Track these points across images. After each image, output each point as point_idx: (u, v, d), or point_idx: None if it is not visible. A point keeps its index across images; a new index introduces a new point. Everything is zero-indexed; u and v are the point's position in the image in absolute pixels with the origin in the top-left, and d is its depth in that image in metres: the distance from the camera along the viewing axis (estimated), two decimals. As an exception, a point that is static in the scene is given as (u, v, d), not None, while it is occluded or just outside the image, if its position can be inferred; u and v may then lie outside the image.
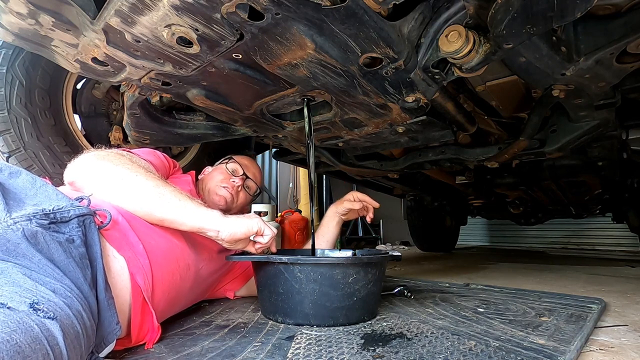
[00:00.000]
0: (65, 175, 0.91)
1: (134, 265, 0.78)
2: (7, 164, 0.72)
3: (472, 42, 0.85)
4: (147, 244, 0.83)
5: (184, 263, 0.94)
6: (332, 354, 0.74)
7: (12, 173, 0.69)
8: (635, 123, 1.58)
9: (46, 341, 0.48)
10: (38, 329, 0.48)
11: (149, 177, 0.89)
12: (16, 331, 0.45)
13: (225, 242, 0.91)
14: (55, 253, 0.62)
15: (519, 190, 2.64)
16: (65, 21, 0.87)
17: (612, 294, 1.54)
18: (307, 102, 1.17)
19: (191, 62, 0.94)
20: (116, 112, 1.75)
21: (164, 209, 0.86)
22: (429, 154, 1.75)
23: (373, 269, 0.98)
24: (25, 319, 0.47)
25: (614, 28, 0.87)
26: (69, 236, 0.66)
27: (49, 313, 0.51)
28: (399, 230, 5.70)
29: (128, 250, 0.79)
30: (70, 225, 0.67)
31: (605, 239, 4.85)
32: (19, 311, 0.48)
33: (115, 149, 0.98)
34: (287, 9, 0.72)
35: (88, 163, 0.90)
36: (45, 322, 0.50)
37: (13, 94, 1.41)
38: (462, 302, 1.26)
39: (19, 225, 0.59)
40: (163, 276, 0.86)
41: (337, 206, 1.39)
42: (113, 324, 0.69)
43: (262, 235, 0.96)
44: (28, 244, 0.59)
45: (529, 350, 0.76)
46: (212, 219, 0.89)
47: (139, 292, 0.78)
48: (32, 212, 0.62)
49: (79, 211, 0.69)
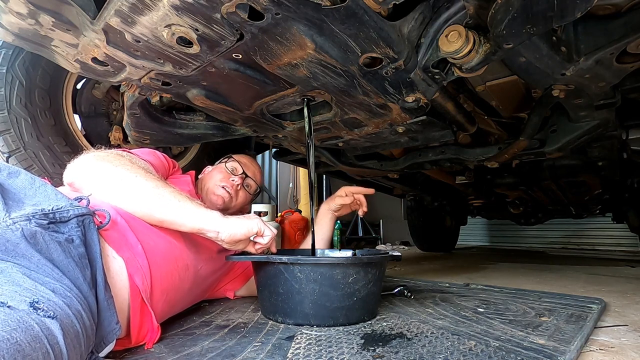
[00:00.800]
0: (65, 175, 0.91)
1: (133, 266, 0.78)
2: (6, 164, 0.72)
3: (472, 42, 0.85)
4: (146, 245, 0.83)
5: (182, 263, 0.94)
6: (332, 354, 0.74)
7: (11, 173, 0.69)
8: (635, 123, 1.58)
9: (46, 340, 0.48)
10: (38, 327, 0.48)
11: (148, 178, 0.89)
12: (16, 330, 0.45)
13: (225, 243, 0.91)
14: (55, 253, 0.62)
15: (519, 190, 2.64)
16: (65, 21, 0.87)
17: (612, 294, 1.54)
18: (307, 102, 1.17)
19: (191, 62, 0.94)
20: (116, 112, 1.75)
21: (164, 210, 0.86)
22: (429, 154, 1.74)
23: (373, 269, 0.98)
24: (25, 318, 0.47)
25: (614, 28, 0.87)
26: (68, 236, 0.66)
27: (49, 312, 0.51)
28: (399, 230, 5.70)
29: (127, 250, 0.79)
30: (70, 225, 0.67)
31: (605, 239, 4.85)
32: (19, 310, 0.48)
33: (115, 150, 0.98)
34: (287, 9, 0.72)
35: (88, 164, 0.90)
36: (46, 321, 0.50)
37: (13, 94, 1.41)
38: (462, 302, 1.26)
39: (18, 225, 0.59)
40: (162, 277, 0.86)
41: (329, 203, 1.38)
42: (113, 323, 0.69)
43: (262, 235, 0.96)
44: (27, 244, 0.59)
45: (529, 350, 0.76)
46: (211, 220, 0.88)
47: (137, 293, 0.78)
48: (32, 212, 0.62)
49: (78, 211, 0.69)
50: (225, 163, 1.33)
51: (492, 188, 2.53)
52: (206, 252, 1.06)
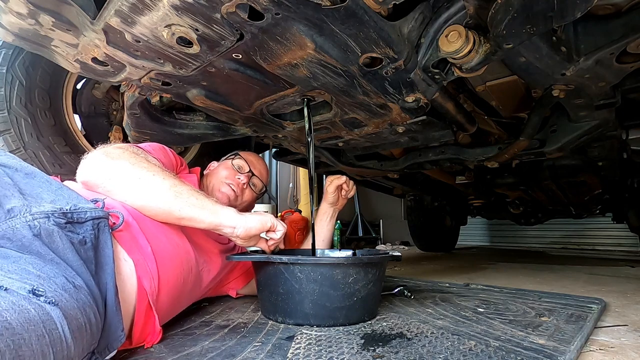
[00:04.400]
0: (80, 172, 0.88)
1: (142, 269, 0.79)
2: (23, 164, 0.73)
3: (472, 42, 0.85)
4: (155, 247, 0.83)
5: (187, 266, 0.94)
6: (332, 354, 0.74)
7: (28, 174, 0.70)
8: (635, 123, 1.59)
9: (42, 324, 0.48)
10: (35, 312, 0.48)
11: (165, 177, 0.89)
12: (8, 310, 0.45)
13: (240, 238, 0.92)
14: (70, 253, 0.62)
15: (519, 190, 2.64)
16: (65, 21, 0.87)
17: (612, 294, 1.54)
18: (307, 102, 1.17)
19: (191, 62, 0.94)
20: (116, 112, 1.76)
21: (183, 208, 0.86)
22: (429, 154, 1.74)
23: (373, 269, 0.98)
24: (21, 302, 0.47)
25: (614, 28, 0.87)
26: (82, 237, 0.66)
27: (50, 299, 0.51)
28: (399, 230, 5.70)
29: (137, 252, 0.79)
30: (85, 226, 0.67)
31: (605, 239, 4.84)
32: (17, 294, 0.48)
33: (128, 145, 0.95)
34: (287, 9, 0.72)
35: (104, 161, 0.88)
36: (45, 307, 0.50)
37: (13, 94, 1.41)
38: (462, 302, 1.26)
39: (37, 223, 0.59)
40: (168, 279, 0.86)
41: (324, 198, 1.37)
42: (119, 330, 0.68)
43: (274, 231, 0.97)
44: (43, 241, 0.59)
45: (529, 350, 0.76)
46: (228, 216, 0.90)
47: (145, 297, 0.78)
48: (51, 210, 0.62)
49: (94, 213, 0.69)
50: (232, 160, 1.30)
51: (492, 188, 2.53)
52: (209, 253, 1.06)
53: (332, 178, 1.33)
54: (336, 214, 1.40)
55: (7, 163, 0.67)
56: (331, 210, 1.38)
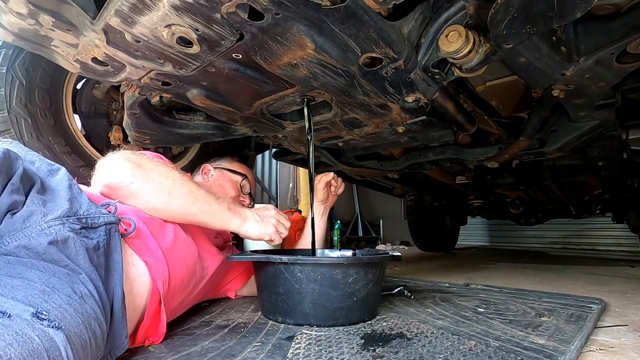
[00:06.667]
0: (102, 176, 0.87)
1: (156, 271, 0.80)
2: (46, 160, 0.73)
3: (472, 42, 0.85)
4: (165, 250, 0.85)
5: (192, 269, 0.96)
6: (332, 354, 0.74)
7: (52, 171, 0.71)
8: (635, 123, 1.58)
9: (46, 354, 0.47)
10: (39, 340, 0.47)
11: (184, 182, 0.93)
12: (12, 345, 0.43)
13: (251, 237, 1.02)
14: (82, 259, 0.62)
15: (519, 190, 2.64)
16: (65, 21, 0.87)
17: (612, 294, 1.54)
18: (307, 102, 1.17)
19: (191, 62, 0.94)
20: (116, 112, 1.75)
21: (197, 214, 0.92)
22: (429, 154, 1.74)
23: (373, 269, 0.98)
24: (25, 330, 0.46)
25: (614, 28, 0.87)
26: (96, 242, 0.66)
27: (54, 322, 0.50)
28: (399, 230, 5.70)
29: (149, 255, 0.80)
30: (98, 232, 0.68)
31: (605, 239, 4.85)
32: (20, 319, 0.47)
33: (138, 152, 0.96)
34: (287, 9, 0.72)
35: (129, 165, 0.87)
36: (49, 332, 0.49)
37: (13, 94, 1.41)
38: (462, 302, 1.26)
39: (53, 230, 0.60)
40: (176, 283, 0.87)
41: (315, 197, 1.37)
42: (122, 337, 0.68)
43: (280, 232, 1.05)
44: (58, 248, 0.59)
45: (529, 350, 0.76)
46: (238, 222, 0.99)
47: (157, 297, 0.79)
48: (66, 215, 0.63)
49: (107, 219, 0.70)
50: (240, 182, 1.38)
51: (492, 188, 2.53)
52: (211, 255, 1.06)
53: (321, 175, 1.36)
54: (327, 211, 1.42)
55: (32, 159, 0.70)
56: (322, 208, 1.40)
